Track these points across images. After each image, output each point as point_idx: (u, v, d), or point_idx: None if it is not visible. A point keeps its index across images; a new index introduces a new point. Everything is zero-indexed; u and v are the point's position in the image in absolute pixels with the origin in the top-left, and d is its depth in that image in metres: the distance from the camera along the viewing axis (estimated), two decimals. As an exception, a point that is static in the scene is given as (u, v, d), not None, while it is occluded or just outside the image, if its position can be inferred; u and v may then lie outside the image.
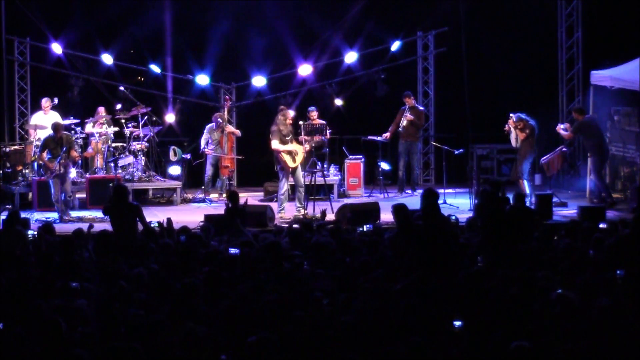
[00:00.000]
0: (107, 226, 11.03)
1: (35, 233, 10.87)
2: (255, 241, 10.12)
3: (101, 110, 16.80)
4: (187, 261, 8.75)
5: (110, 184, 14.65)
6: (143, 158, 16.44)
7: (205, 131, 16.40)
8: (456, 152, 15.77)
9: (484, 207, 10.16)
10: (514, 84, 18.05)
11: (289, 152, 14.32)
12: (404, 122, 16.56)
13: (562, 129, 15.60)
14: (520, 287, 7.27)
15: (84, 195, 15.34)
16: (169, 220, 11.10)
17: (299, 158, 14.40)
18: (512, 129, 14.74)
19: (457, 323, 6.65)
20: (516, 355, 5.80)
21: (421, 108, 17.38)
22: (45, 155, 14.28)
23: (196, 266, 8.66)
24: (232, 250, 9.34)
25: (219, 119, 16.40)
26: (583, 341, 6.06)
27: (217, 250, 9.49)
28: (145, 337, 6.38)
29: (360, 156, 16.89)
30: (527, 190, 14.43)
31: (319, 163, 16.07)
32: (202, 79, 18.02)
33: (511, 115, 14.75)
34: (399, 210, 9.42)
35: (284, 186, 14.40)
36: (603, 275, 7.73)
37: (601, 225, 11.16)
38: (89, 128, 16.72)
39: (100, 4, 17.70)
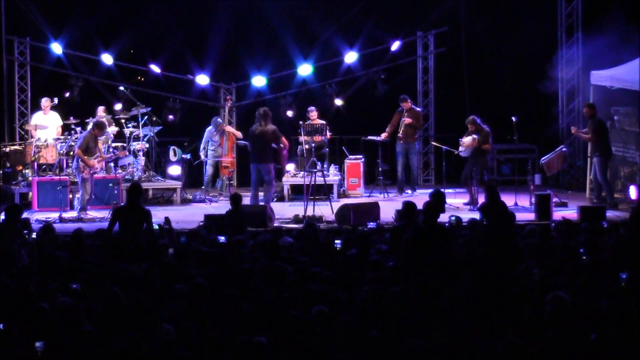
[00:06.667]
0: (105, 226, 10.97)
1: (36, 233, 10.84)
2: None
3: (101, 109, 16.77)
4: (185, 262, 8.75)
5: (110, 184, 14.64)
6: (143, 158, 16.45)
7: (205, 135, 16.47)
8: (456, 152, 15.77)
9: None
10: (514, 84, 18.03)
11: None
12: (402, 127, 16.50)
13: (580, 131, 15.52)
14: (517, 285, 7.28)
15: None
16: (167, 219, 11.07)
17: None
18: (467, 139, 14.88)
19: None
20: (507, 351, 5.81)
21: (418, 109, 17.29)
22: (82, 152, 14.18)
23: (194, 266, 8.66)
24: (221, 239, 9.41)
25: (219, 119, 16.45)
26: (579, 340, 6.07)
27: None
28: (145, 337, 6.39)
29: (360, 156, 16.88)
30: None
31: (319, 163, 16.07)
32: (202, 79, 18.03)
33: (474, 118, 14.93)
34: (410, 208, 9.68)
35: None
36: (603, 277, 7.71)
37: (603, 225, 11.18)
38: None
39: (100, 4, 17.70)
